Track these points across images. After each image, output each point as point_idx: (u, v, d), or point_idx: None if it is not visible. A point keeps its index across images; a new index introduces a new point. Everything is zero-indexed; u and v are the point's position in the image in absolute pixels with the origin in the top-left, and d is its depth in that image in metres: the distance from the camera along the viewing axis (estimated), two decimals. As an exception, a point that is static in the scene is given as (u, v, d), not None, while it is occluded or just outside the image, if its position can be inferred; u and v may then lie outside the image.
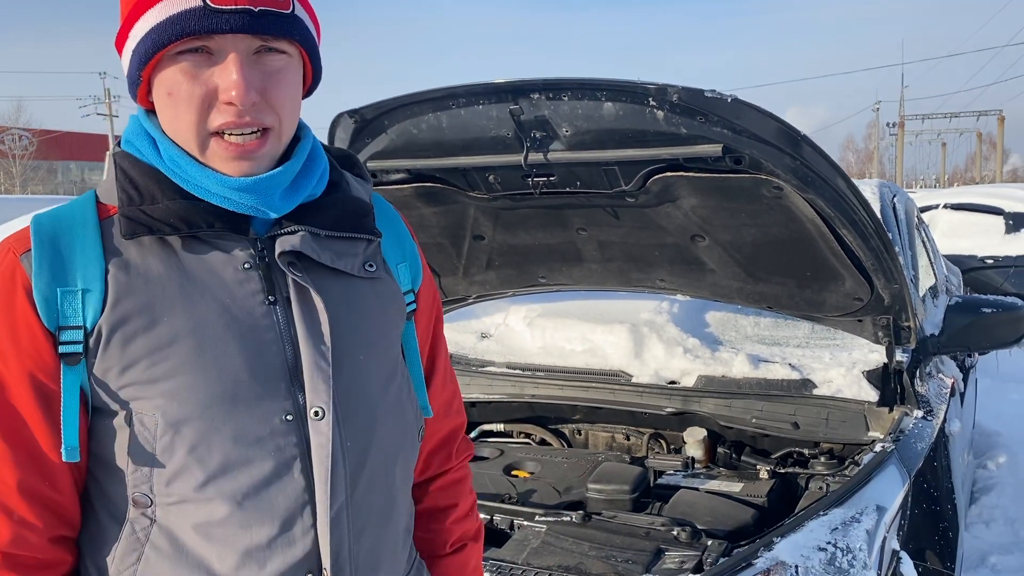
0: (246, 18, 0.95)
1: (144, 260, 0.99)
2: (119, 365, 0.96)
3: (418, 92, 2.18)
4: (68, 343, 0.96)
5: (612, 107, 2.02)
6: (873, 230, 2.17)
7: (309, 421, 1.00)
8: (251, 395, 0.98)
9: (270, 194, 1.02)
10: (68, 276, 0.97)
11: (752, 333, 3.06)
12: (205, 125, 0.98)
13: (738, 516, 2.28)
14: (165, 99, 0.99)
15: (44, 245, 0.98)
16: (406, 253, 1.21)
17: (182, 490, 0.97)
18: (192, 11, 0.95)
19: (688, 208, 2.28)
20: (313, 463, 1.00)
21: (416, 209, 2.55)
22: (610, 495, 2.43)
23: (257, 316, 1.00)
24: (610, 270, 2.70)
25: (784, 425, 2.62)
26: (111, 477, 0.99)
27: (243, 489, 0.98)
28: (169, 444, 0.97)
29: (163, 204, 0.99)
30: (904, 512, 2.14)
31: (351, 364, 1.05)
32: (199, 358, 0.97)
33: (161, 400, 0.96)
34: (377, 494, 1.07)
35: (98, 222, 1.01)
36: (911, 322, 2.47)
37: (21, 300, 0.96)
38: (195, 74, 0.97)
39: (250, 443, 0.98)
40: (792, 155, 2.02)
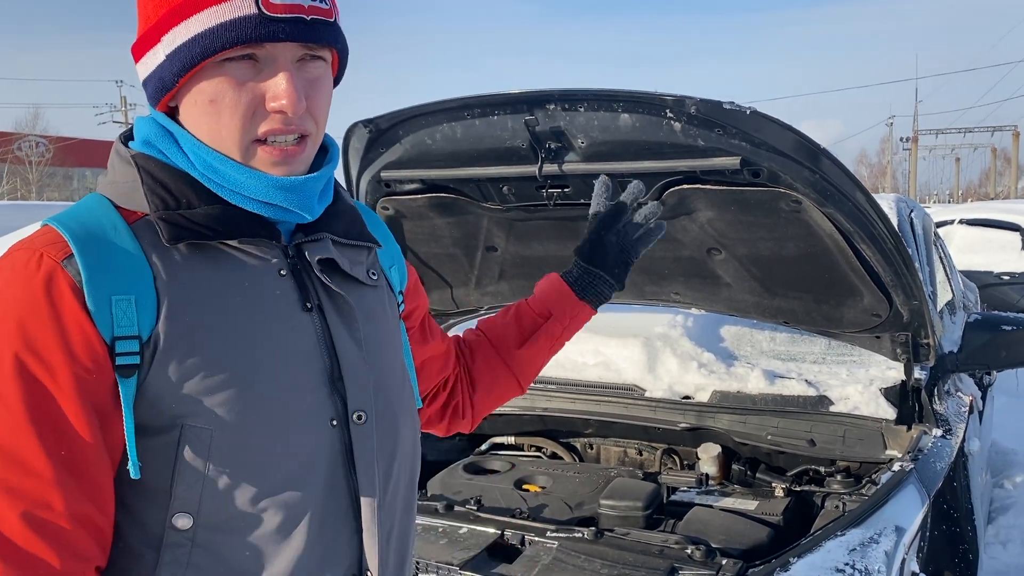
0: (300, 27, 0.95)
1: (189, 267, 0.96)
2: (177, 376, 0.91)
3: (433, 102, 2.17)
4: (125, 354, 0.90)
5: (628, 118, 2.00)
6: (892, 245, 2.14)
7: (351, 425, 1.01)
8: (303, 403, 0.98)
9: (310, 196, 1.03)
10: (120, 283, 0.91)
11: (768, 348, 3.03)
12: (249, 132, 0.97)
13: (753, 534, 2.24)
14: (207, 107, 0.97)
15: (88, 249, 0.91)
16: (394, 256, 1.23)
17: (235, 505, 0.94)
18: (248, 19, 0.93)
19: (704, 221, 2.26)
20: (357, 466, 1.01)
21: (429, 219, 2.54)
22: (623, 511, 2.40)
23: (299, 323, 1.01)
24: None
25: (800, 442, 2.58)
26: (147, 501, 0.94)
27: (296, 499, 0.97)
28: (224, 457, 0.93)
29: (202, 209, 0.97)
30: (923, 533, 2.10)
31: (376, 370, 1.06)
32: (252, 367, 0.95)
33: (215, 412, 0.92)
34: (400, 495, 1.10)
35: (128, 227, 0.96)
36: (930, 339, 2.43)
37: (72, 308, 0.89)
38: (241, 82, 0.95)
39: (303, 451, 0.98)
40: (811, 168, 1.99)
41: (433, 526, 2.22)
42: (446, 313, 3.01)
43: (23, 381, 0.87)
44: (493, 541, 2.14)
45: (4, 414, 0.87)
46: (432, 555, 2.07)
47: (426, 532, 2.19)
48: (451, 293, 2.87)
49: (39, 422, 0.88)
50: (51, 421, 0.88)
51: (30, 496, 0.87)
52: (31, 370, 0.87)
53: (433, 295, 2.89)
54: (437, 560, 2.04)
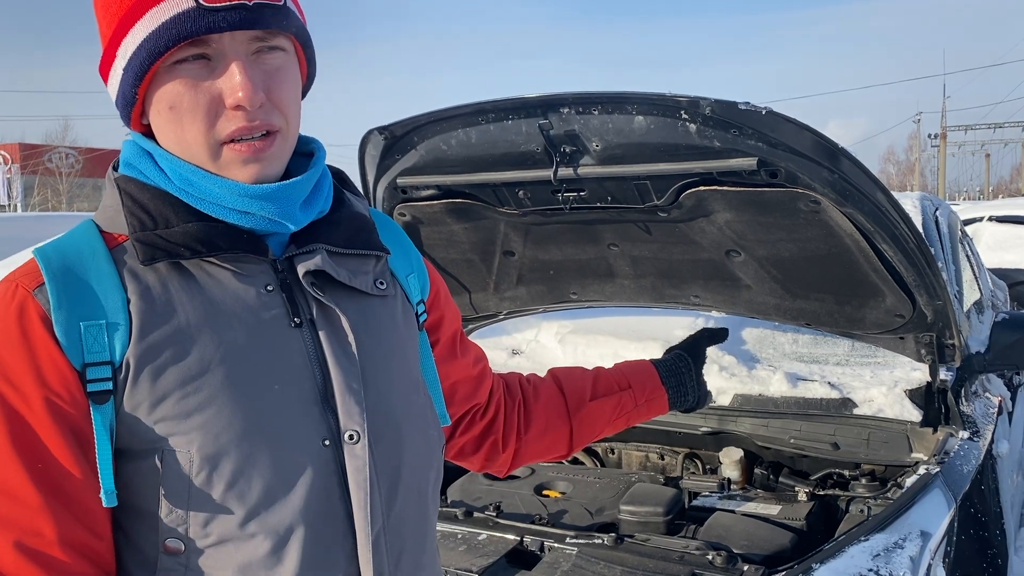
0: (242, 13, 0.91)
1: (165, 287, 0.94)
2: (150, 400, 0.90)
3: (447, 108, 2.17)
4: (97, 380, 0.89)
5: (643, 121, 1.98)
6: (915, 245, 2.11)
7: (344, 445, 0.97)
8: (288, 423, 0.95)
9: (290, 203, 0.99)
10: (90, 309, 0.90)
11: (790, 351, 3.00)
12: (214, 134, 0.94)
13: (776, 540, 2.21)
14: (167, 114, 0.95)
15: (58, 277, 0.91)
16: (413, 264, 1.18)
17: (222, 529, 0.92)
18: (186, 13, 0.90)
19: (722, 223, 2.24)
20: (351, 488, 0.97)
21: (446, 225, 2.54)
22: (643, 517, 2.37)
23: (285, 340, 0.97)
24: (643, 286, 2.66)
25: (823, 445, 2.55)
26: (140, 524, 0.93)
27: (285, 522, 0.94)
28: (206, 480, 0.91)
29: (179, 227, 0.95)
30: (950, 538, 2.06)
31: (376, 385, 1.02)
32: (232, 387, 0.92)
33: (195, 434, 0.90)
34: (411, 516, 1.05)
35: (108, 251, 0.95)
36: (955, 339, 2.39)
37: (41, 337, 0.89)
38: (196, 83, 0.93)
39: (290, 473, 0.94)
40: (830, 168, 1.97)
41: (452, 532, 2.22)
42: (465, 319, 3.01)
43: (2, 410, 0.88)
44: (512, 548, 2.13)
45: None
46: (451, 562, 2.06)
47: (445, 539, 2.19)
48: (470, 298, 2.86)
49: (21, 450, 0.88)
50: (32, 449, 0.88)
51: (20, 525, 0.87)
52: (8, 399, 0.88)
53: (451, 300, 2.89)
54: (456, 567, 2.04)
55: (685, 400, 1.51)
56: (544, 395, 1.40)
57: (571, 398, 1.41)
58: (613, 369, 1.48)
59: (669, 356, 1.54)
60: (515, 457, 1.39)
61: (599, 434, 1.45)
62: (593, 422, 1.42)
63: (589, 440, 1.44)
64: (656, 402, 1.48)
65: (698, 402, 1.53)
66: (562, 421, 1.40)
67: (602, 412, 1.42)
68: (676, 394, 1.50)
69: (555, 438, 1.41)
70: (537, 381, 1.43)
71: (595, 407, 1.41)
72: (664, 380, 1.48)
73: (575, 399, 1.41)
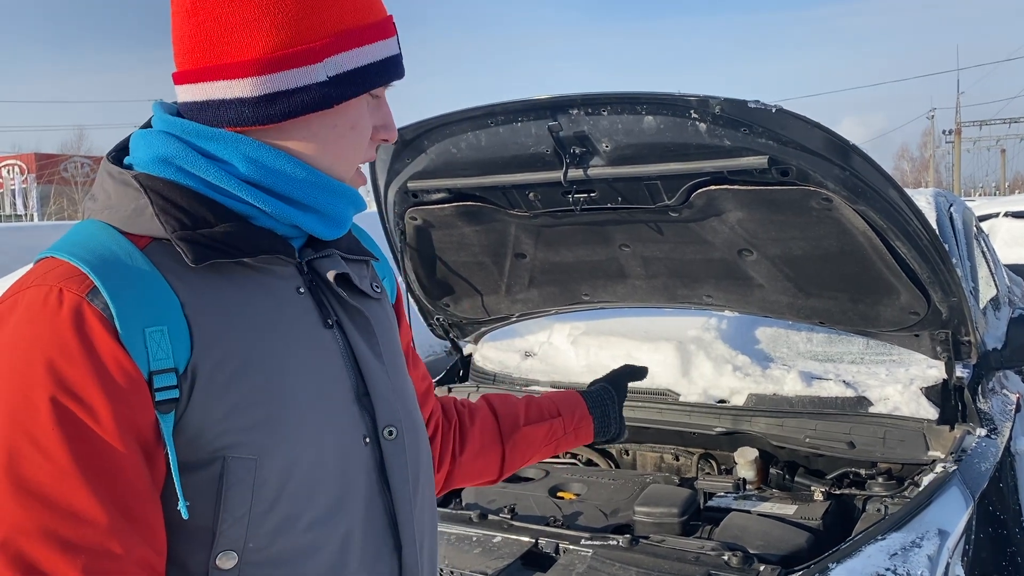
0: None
1: (213, 291, 0.92)
2: (217, 408, 0.87)
3: (457, 111, 2.17)
4: (164, 388, 0.85)
5: (653, 121, 1.98)
6: (928, 241, 2.09)
7: (383, 441, 1.01)
8: (340, 424, 0.98)
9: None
10: (150, 314, 0.86)
11: (804, 349, 2.98)
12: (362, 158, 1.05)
13: (792, 540, 2.20)
14: (346, 131, 1.01)
15: (111, 280, 0.86)
16: (386, 268, 1.23)
17: (285, 536, 0.91)
18: (398, 57, 1.03)
19: (734, 222, 2.23)
20: (392, 483, 1.01)
21: (457, 228, 2.54)
22: (658, 518, 2.37)
23: (323, 341, 0.99)
24: (655, 286, 2.65)
25: (839, 444, 2.53)
26: (189, 542, 0.89)
27: (346, 522, 0.96)
28: (270, 489, 0.89)
29: (220, 227, 0.93)
30: (968, 536, 2.04)
31: (396, 383, 1.07)
32: (288, 392, 0.93)
33: (258, 442, 0.89)
34: (427, 508, 1.10)
35: (142, 254, 0.91)
36: (971, 336, 2.37)
37: (107, 344, 0.84)
38: (371, 114, 1.04)
39: (346, 473, 0.97)
40: (841, 166, 1.96)
41: (467, 535, 2.22)
42: (478, 321, 3.01)
43: (64, 426, 0.81)
44: (527, 550, 2.13)
45: (47, 464, 0.81)
46: (466, 564, 2.06)
47: (460, 541, 2.19)
48: (482, 301, 2.87)
49: (87, 467, 0.82)
50: (99, 465, 0.83)
51: (88, 546, 0.81)
52: (72, 413, 0.82)
53: (464, 303, 2.89)
54: (471, 570, 2.04)
55: (608, 431, 1.55)
56: (479, 419, 1.42)
57: (504, 422, 1.44)
58: (543, 397, 1.51)
59: (595, 388, 1.57)
60: (447, 479, 1.39)
61: (530, 459, 1.47)
62: (526, 447, 1.45)
63: (520, 465, 1.46)
64: (583, 430, 1.51)
65: (618, 434, 1.57)
66: (495, 445, 1.42)
67: (535, 437, 1.45)
68: (601, 424, 1.53)
69: (488, 461, 1.42)
70: (472, 405, 1.44)
71: (528, 432, 1.44)
72: (590, 409, 1.52)
73: (508, 423, 1.44)
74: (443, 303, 2.91)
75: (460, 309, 2.92)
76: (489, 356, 3.29)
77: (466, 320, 2.99)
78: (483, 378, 3.20)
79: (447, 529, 2.24)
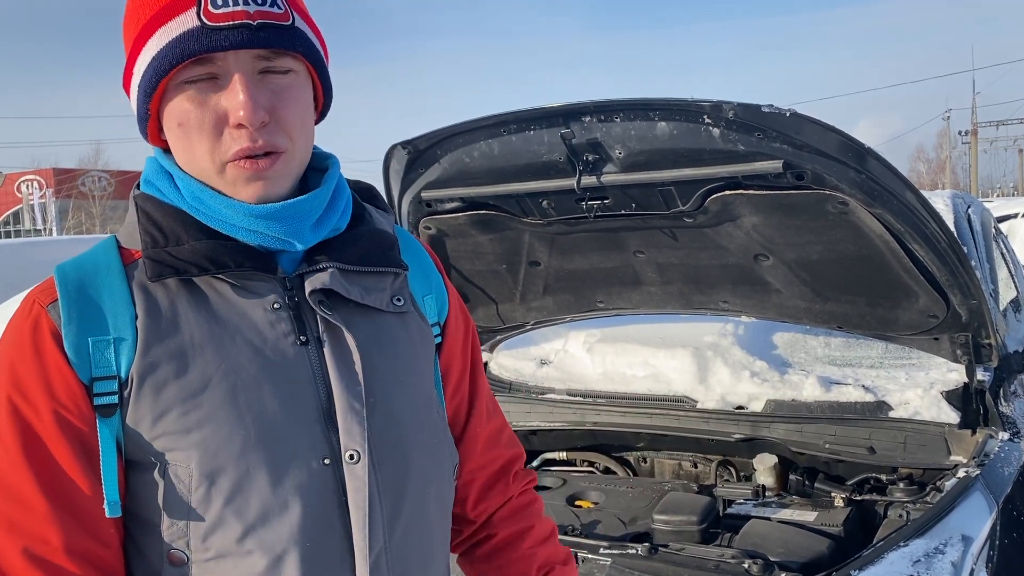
0: (245, 33, 0.92)
1: (172, 304, 0.95)
2: (152, 414, 0.92)
3: (470, 120, 2.18)
4: (103, 394, 0.92)
5: (666, 126, 1.97)
6: (947, 244, 2.07)
7: (344, 465, 0.96)
8: (287, 441, 0.95)
9: (299, 222, 0.99)
10: (99, 325, 0.93)
11: (822, 354, 2.96)
12: (219, 152, 0.95)
13: (813, 547, 2.18)
14: (176, 131, 0.96)
15: (71, 294, 0.94)
16: (432, 285, 1.16)
17: (220, 544, 0.93)
18: (190, 32, 0.92)
19: (750, 227, 2.22)
20: (350, 508, 0.96)
21: (471, 237, 2.54)
22: (677, 526, 2.35)
23: (289, 358, 0.97)
24: (670, 293, 2.64)
25: (859, 450, 2.51)
26: (147, 534, 0.95)
27: (282, 540, 0.94)
28: (205, 495, 0.92)
29: (189, 244, 0.96)
30: (992, 542, 2.01)
31: (384, 405, 1.01)
32: (232, 404, 0.93)
33: (195, 450, 0.92)
34: (415, 538, 1.03)
35: (122, 267, 0.97)
36: (992, 339, 2.34)
37: (52, 351, 0.92)
38: (202, 100, 0.94)
39: (288, 491, 0.94)
40: (857, 169, 1.94)
41: (485, 545, 2.21)
42: (493, 329, 3.01)
43: (15, 421, 0.91)
44: (545, 559, 2.12)
45: (3, 453, 0.92)
46: (484, 574, 2.06)
47: (478, 551, 2.18)
48: (496, 309, 2.86)
49: (32, 460, 0.91)
50: (42, 459, 0.91)
51: (28, 532, 0.91)
52: (21, 410, 0.92)
53: (478, 311, 2.89)
54: (489, 579, 2.03)
55: None
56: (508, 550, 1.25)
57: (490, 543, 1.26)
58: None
59: None
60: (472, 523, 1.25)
61: None
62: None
63: None
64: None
65: None
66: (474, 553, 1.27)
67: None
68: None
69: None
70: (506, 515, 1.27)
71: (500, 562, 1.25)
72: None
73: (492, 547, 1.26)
74: (458, 312, 2.91)
75: (475, 318, 2.92)
76: (505, 364, 3.29)
77: (481, 328, 2.99)
78: (499, 387, 3.19)
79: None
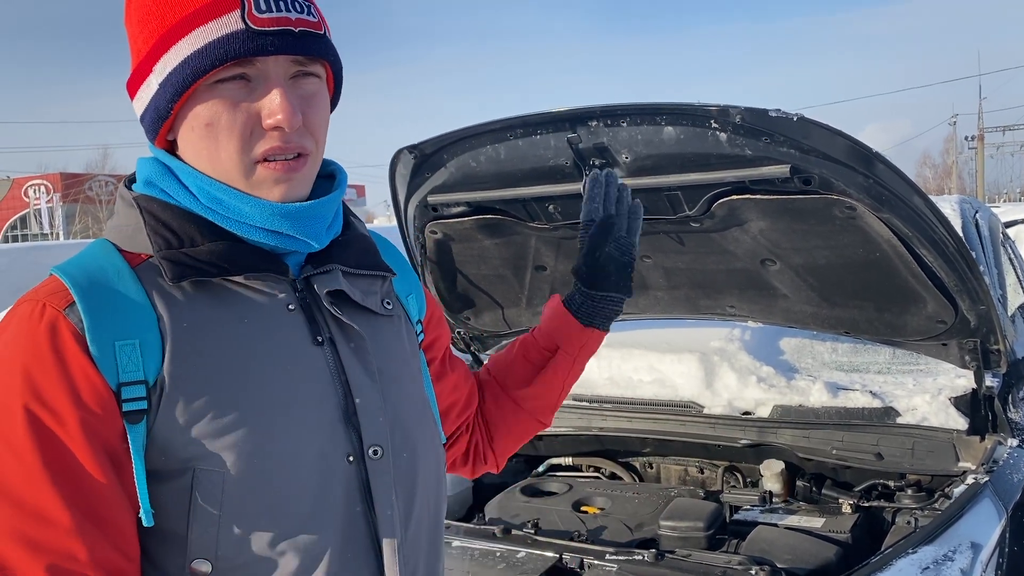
0: (288, 39, 0.93)
1: (193, 307, 0.94)
2: (184, 419, 0.90)
3: (476, 125, 2.18)
4: (132, 400, 0.89)
5: (672, 131, 1.97)
6: (955, 249, 2.06)
7: (368, 461, 0.98)
8: (316, 440, 0.96)
9: (319, 222, 1.01)
10: (123, 328, 0.90)
11: (830, 360, 2.94)
12: (249, 153, 0.95)
13: (820, 554, 2.17)
14: (203, 131, 0.95)
15: (88, 296, 0.91)
16: (412, 284, 1.20)
17: (252, 549, 0.92)
18: (235, 34, 0.92)
19: (757, 231, 2.21)
20: (375, 503, 0.98)
21: (477, 241, 2.54)
22: (684, 532, 2.34)
23: (310, 358, 0.98)
24: (677, 297, 2.63)
25: (867, 456, 2.50)
26: (167, 546, 0.93)
27: (315, 539, 0.94)
28: (238, 500, 0.91)
29: (205, 246, 0.96)
30: (1002, 549, 2.00)
31: (392, 403, 1.04)
32: (263, 406, 0.93)
33: (227, 454, 0.91)
34: (424, 531, 1.06)
35: (132, 270, 0.95)
36: (1000, 344, 2.33)
37: (76, 356, 0.88)
38: (235, 102, 0.94)
39: (319, 490, 0.95)
40: (864, 173, 1.94)
41: (491, 550, 2.20)
42: (499, 334, 3.00)
43: (34, 431, 0.86)
44: (552, 565, 2.11)
45: (18, 466, 0.86)
46: (490, 580, 2.05)
47: (484, 556, 2.17)
48: (502, 314, 2.86)
49: (54, 471, 0.86)
50: (65, 469, 0.87)
51: (53, 548, 0.86)
52: (41, 420, 0.87)
53: (485, 316, 2.89)
54: (495, 585, 2.02)
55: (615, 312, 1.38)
56: (490, 395, 1.37)
57: (511, 388, 1.36)
58: (538, 331, 1.38)
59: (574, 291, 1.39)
60: (498, 457, 1.38)
61: (560, 398, 1.39)
62: (545, 396, 1.36)
63: (555, 409, 1.40)
64: (591, 342, 1.37)
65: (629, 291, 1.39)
66: (517, 412, 1.36)
67: (548, 386, 1.35)
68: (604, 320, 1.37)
69: (524, 427, 1.38)
70: (483, 384, 1.39)
71: (537, 387, 1.35)
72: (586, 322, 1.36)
73: (516, 388, 1.36)
74: (464, 316, 2.90)
75: (481, 322, 2.91)
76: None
77: (487, 333, 2.98)
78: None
79: (470, 544, 2.23)
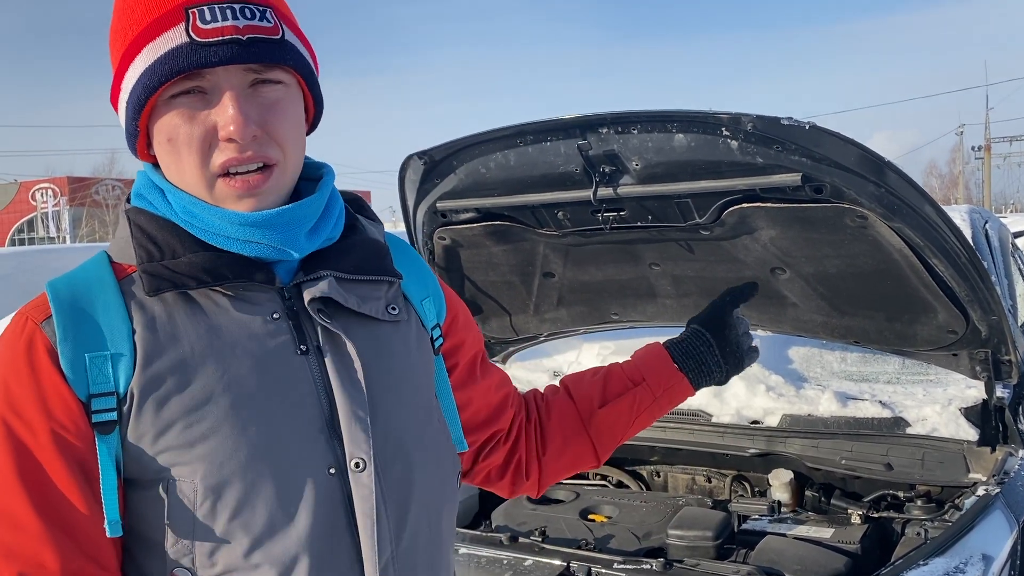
0: (235, 48, 0.92)
1: (170, 318, 0.94)
2: (154, 430, 0.91)
3: (486, 131, 2.17)
4: (101, 411, 0.91)
5: (683, 138, 1.96)
6: (966, 259, 2.05)
7: (350, 474, 0.96)
8: (292, 451, 0.94)
9: (293, 229, 0.99)
10: (95, 340, 0.92)
11: (839, 369, 2.93)
12: (209, 167, 0.95)
13: (829, 564, 2.15)
14: (166, 146, 0.96)
15: (65, 310, 0.93)
16: (429, 288, 1.17)
17: (227, 559, 0.92)
18: (179, 48, 0.91)
19: (767, 240, 2.20)
20: (357, 517, 0.96)
21: (486, 248, 2.53)
22: (692, 541, 2.33)
23: (291, 367, 0.97)
24: (685, 305, 2.62)
25: (876, 466, 2.48)
26: (148, 553, 0.93)
27: (291, 552, 0.93)
28: (211, 510, 0.91)
29: (185, 257, 0.96)
30: (1013, 561, 1.99)
31: (385, 412, 1.01)
32: (236, 416, 0.92)
33: (199, 464, 0.90)
34: (422, 546, 1.03)
35: (116, 282, 0.96)
36: (1011, 355, 2.32)
37: (47, 369, 0.90)
38: (192, 115, 0.94)
39: (295, 502, 0.93)
40: (876, 182, 1.93)
41: (498, 558, 2.19)
42: (506, 341, 3.00)
43: (8, 441, 0.89)
44: (559, 573, 2.10)
45: None
46: (497, 588, 2.04)
47: (491, 564, 2.17)
48: (510, 320, 2.85)
49: (27, 481, 0.89)
50: (37, 480, 0.89)
51: (24, 555, 0.88)
52: (15, 430, 0.89)
53: (492, 322, 2.88)
54: (502, 593, 2.01)
55: (711, 377, 1.39)
56: (556, 410, 1.34)
57: (582, 405, 1.34)
58: (628, 363, 1.37)
59: (685, 334, 1.40)
60: (542, 478, 1.34)
61: (624, 436, 1.34)
62: (611, 427, 1.33)
63: (616, 444, 1.35)
64: (677, 388, 1.36)
65: (728, 372, 1.40)
66: (579, 435, 1.33)
67: (618, 415, 1.33)
68: (697, 375, 1.37)
69: (577, 452, 1.34)
70: (550, 395, 1.37)
71: (608, 412, 1.32)
72: (680, 364, 1.36)
73: (586, 406, 1.34)
74: (471, 323, 2.90)
75: (489, 329, 2.91)
76: (517, 376, 3.27)
77: (495, 339, 2.98)
78: (512, 399, 3.17)
79: (477, 552, 2.22)
